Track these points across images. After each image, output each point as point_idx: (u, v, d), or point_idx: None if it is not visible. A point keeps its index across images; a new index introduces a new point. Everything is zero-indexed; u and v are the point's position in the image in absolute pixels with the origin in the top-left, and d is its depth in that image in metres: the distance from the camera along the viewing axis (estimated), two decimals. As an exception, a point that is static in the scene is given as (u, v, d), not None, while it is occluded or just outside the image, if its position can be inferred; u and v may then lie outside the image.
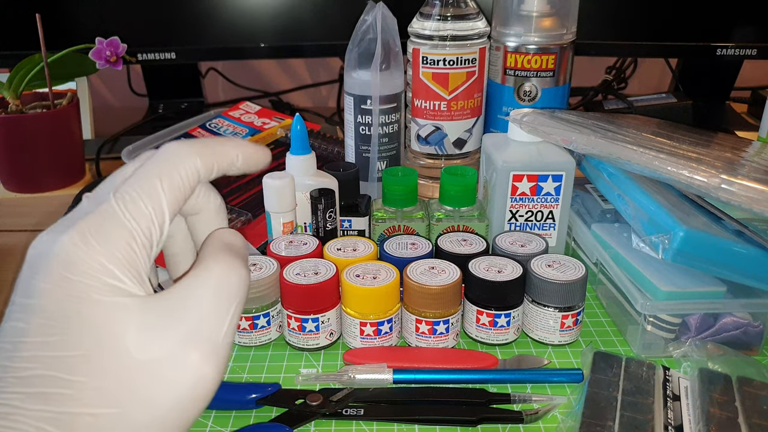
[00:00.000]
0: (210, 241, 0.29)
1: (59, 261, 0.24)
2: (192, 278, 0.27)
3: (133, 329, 0.24)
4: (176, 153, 0.27)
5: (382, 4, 0.62)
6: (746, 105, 1.03)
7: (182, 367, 0.25)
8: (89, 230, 0.25)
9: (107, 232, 0.25)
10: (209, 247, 0.29)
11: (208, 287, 0.26)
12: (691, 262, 0.45)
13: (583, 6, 0.66)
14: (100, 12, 0.88)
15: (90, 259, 0.24)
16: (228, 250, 0.28)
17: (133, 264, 0.25)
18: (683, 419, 0.40)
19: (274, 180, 0.51)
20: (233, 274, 0.27)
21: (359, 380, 0.44)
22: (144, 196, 0.26)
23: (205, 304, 0.26)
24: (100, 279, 0.24)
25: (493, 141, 0.59)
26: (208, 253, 0.28)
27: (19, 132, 0.71)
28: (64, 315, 0.24)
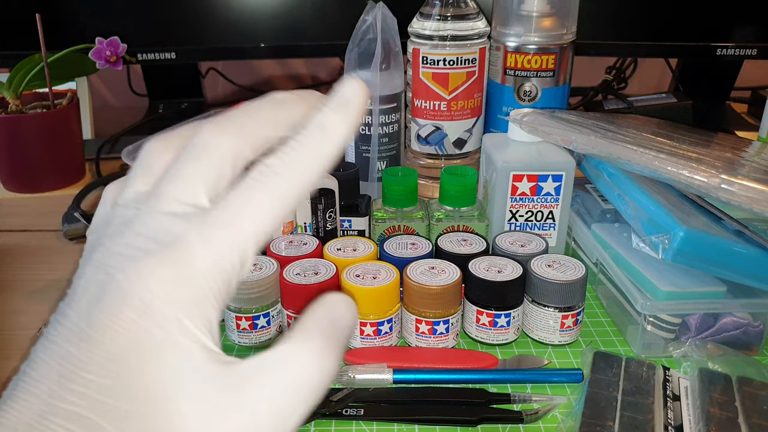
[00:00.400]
0: (314, 311, 0.24)
1: (131, 301, 0.21)
2: (272, 355, 0.22)
3: (189, 397, 0.21)
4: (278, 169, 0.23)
5: (382, 4, 0.62)
6: (746, 105, 1.03)
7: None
8: (168, 278, 0.21)
9: (192, 284, 0.22)
10: (309, 320, 0.23)
11: (287, 377, 0.22)
12: (691, 262, 0.45)
13: (583, 6, 0.66)
14: (100, 12, 0.88)
15: (165, 310, 0.21)
16: (328, 333, 0.23)
17: (207, 320, 0.22)
18: (683, 419, 0.40)
19: (274, 180, 0.51)
20: (319, 367, 0.22)
21: (359, 380, 0.44)
22: (232, 246, 0.22)
23: (277, 396, 0.22)
24: (171, 333, 0.21)
25: (493, 141, 0.59)
26: (301, 332, 0.23)
27: (19, 132, 0.71)
28: (124, 363, 0.21)
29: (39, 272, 0.60)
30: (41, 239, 0.66)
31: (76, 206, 0.71)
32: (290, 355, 0.22)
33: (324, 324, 0.23)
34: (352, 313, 0.24)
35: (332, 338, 0.23)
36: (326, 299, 0.24)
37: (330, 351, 0.22)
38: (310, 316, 0.23)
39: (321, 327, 0.23)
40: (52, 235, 0.67)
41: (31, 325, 0.51)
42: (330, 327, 0.23)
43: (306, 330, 0.23)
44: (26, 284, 0.57)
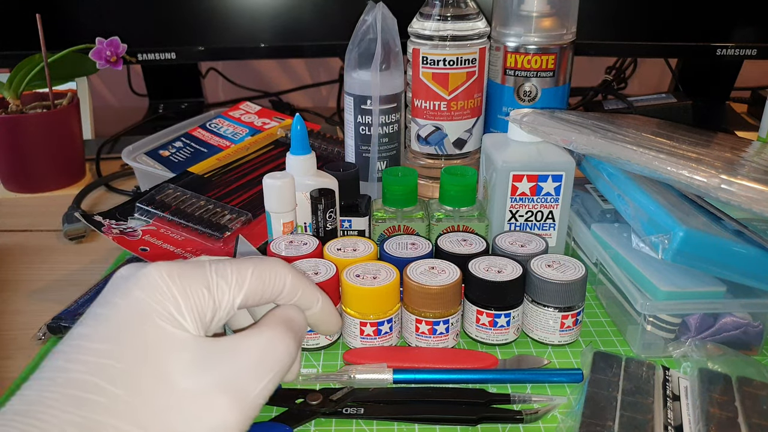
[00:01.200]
0: (273, 311, 0.32)
1: (140, 283, 0.27)
2: (244, 334, 0.29)
3: (180, 360, 0.26)
4: (275, 262, 0.31)
5: (382, 4, 0.62)
6: (746, 105, 1.03)
7: (209, 408, 0.26)
8: (176, 270, 0.28)
9: (190, 276, 0.28)
10: (270, 316, 0.31)
11: (256, 345, 0.29)
12: (691, 262, 0.45)
13: (583, 6, 0.66)
14: (100, 12, 0.88)
15: (166, 288, 0.27)
16: (285, 323, 0.30)
17: (199, 308, 0.28)
18: (683, 419, 0.40)
19: (274, 180, 0.51)
20: (281, 344, 0.29)
21: (359, 380, 0.44)
22: (234, 270, 0.29)
23: (250, 360, 0.28)
24: (168, 309, 0.27)
25: (493, 141, 0.59)
26: (267, 319, 0.31)
27: (19, 132, 0.71)
28: (124, 328, 0.26)
29: (39, 272, 0.60)
30: (41, 239, 0.66)
31: (76, 206, 0.71)
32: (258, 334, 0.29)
33: (280, 317, 0.31)
34: (301, 319, 0.32)
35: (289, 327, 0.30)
36: (280, 306, 0.32)
37: (289, 334, 0.30)
38: (269, 314, 0.31)
39: (279, 319, 0.30)
40: (52, 235, 0.67)
41: (31, 325, 0.51)
42: (286, 321, 0.31)
43: (267, 319, 0.30)
44: (26, 284, 0.57)
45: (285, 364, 0.29)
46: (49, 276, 0.59)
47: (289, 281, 0.31)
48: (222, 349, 0.28)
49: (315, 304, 0.33)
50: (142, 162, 0.73)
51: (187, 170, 0.68)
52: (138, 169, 0.72)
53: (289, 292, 0.31)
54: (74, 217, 0.66)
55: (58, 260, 0.62)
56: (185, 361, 0.26)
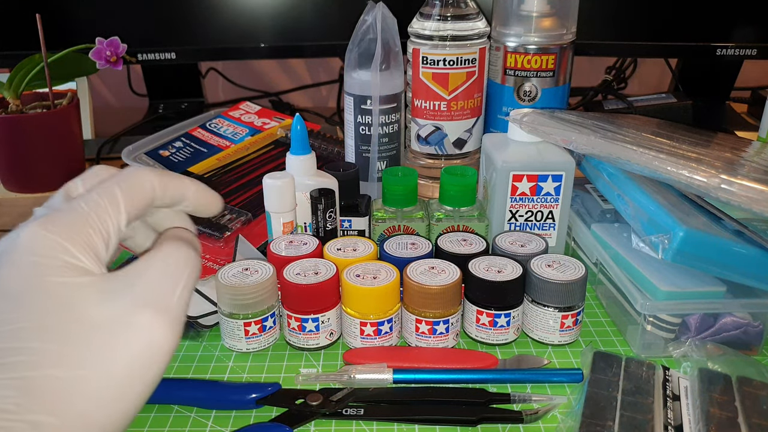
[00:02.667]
0: (161, 236, 0.32)
1: (21, 248, 0.27)
2: (144, 256, 0.30)
3: (91, 298, 0.26)
4: (135, 170, 0.31)
5: (382, 4, 0.62)
6: (746, 105, 1.03)
7: (135, 326, 0.26)
8: (50, 221, 0.27)
9: (66, 220, 0.28)
10: (162, 236, 0.32)
11: (158, 259, 0.29)
12: (691, 262, 0.45)
13: (583, 6, 0.66)
14: (100, 12, 0.88)
15: (49, 241, 0.27)
16: (175, 237, 0.31)
17: (91, 246, 0.28)
18: (683, 419, 0.40)
19: (274, 180, 0.51)
20: (181, 250, 0.30)
21: (359, 380, 0.44)
22: (102, 195, 0.29)
23: (156, 273, 0.29)
24: (58, 257, 0.27)
25: (493, 141, 0.59)
26: (160, 239, 0.32)
27: (19, 132, 0.71)
28: (25, 291, 0.26)
29: (39, 272, 0.59)
30: (41, 239, 0.66)
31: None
32: (156, 250, 0.30)
33: (172, 234, 0.31)
34: (191, 236, 0.33)
35: (183, 239, 0.31)
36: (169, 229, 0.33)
37: (185, 243, 0.31)
38: (161, 236, 0.32)
39: (171, 235, 0.31)
40: (52, 235, 0.67)
41: (31, 325, 0.51)
42: (178, 236, 0.31)
43: (161, 239, 0.31)
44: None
45: (192, 268, 0.30)
46: (49, 276, 0.58)
47: (155, 180, 0.31)
48: (127, 274, 0.28)
49: (188, 189, 0.33)
50: (142, 162, 0.73)
51: (187, 170, 0.68)
52: (138, 169, 0.72)
53: (159, 189, 0.31)
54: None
55: (58, 260, 0.62)
56: (96, 297, 0.27)
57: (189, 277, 0.30)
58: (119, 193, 0.29)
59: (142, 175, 0.31)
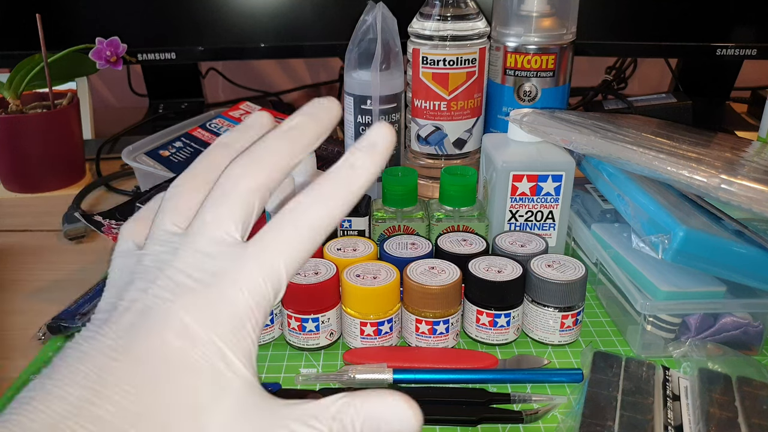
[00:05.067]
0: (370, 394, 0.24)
1: (173, 325, 0.23)
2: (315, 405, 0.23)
3: (222, 418, 0.22)
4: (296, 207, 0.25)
5: (382, 4, 0.62)
6: (746, 105, 1.03)
7: None
8: (211, 307, 0.23)
9: (226, 311, 0.23)
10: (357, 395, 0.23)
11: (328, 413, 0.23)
12: (691, 262, 0.45)
13: (583, 6, 0.66)
14: (100, 12, 0.88)
15: (204, 335, 0.23)
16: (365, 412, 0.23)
17: (245, 349, 0.23)
18: (683, 419, 0.40)
19: (274, 180, 0.51)
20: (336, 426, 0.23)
21: (359, 380, 0.44)
22: (266, 278, 0.24)
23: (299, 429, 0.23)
24: (210, 359, 0.23)
25: (493, 141, 0.59)
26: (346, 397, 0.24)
27: (19, 132, 0.71)
28: (161, 379, 0.22)
29: (39, 272, 0.60)
30: (41, 239, 0.66)
31: (76, 206, 0.71)
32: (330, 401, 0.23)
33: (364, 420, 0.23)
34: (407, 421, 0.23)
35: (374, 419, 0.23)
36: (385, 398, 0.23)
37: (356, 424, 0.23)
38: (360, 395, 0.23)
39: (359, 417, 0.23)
40: (52, 235, 0.67)
41: (31, 326, 0.51)
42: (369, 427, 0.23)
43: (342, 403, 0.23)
44: (26, 284, 0.57)
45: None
46: (49, 276, 0.59)
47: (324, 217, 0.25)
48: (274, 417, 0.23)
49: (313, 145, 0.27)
50: (142, 162, 0.73)
51: (187, 170, 0.68)
52: (138, 169, 0.72)
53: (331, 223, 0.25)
54: (74, 217, 0.66)
55: (58, 260, 0.62)
56: (227, 422, 0.22)
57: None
58: (284, 269, 0.24)
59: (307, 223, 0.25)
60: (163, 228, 0.26)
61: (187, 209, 0.26)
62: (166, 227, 0.26)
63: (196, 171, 0.28)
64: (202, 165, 0.28)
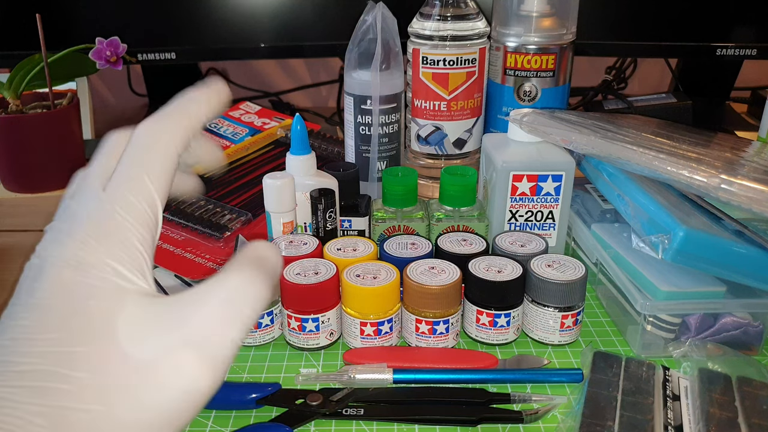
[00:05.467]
0: (241, 251, 0.28)
1: (65, 264, 0.25)
2: (205, 285, 0.26)
3: (135, 330, 0.24)
4: (153, 138, 0.29)
5: (382, 4, 0.62)
6: (746, 105, 1.03)
7: (176, 371, 0.24)
8: (92, 234, 0.26)
9: (109, 234, 0.26)
10: (237, 257, 0.27)
11: (219, 296, 0.26)
12: (691, 262, 0.45)
13: (583, 6, 0.66)
14: (100, 12, 0.88)
15: (96, 260, 0.25)
16: (254, 264, 0.27)
17: (136, 261, 0.26)
18: (683, 419, 0.40)
19: (274, 180, 0.51)
20: (252, 287, 0.26)
21: (359, 380, 0.44)
22: (136, 194, 0.27)
23: (212, 312, 0.25)
24: (106, 279, 0.25)
25: (493, 141, 0.59)
26: (233, 263, 0.27)
27: (19, 132, 0.71)
28: (69, 313, 0.24)
29: (39, 272, 0.59)
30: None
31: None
32: (221, 282, 0.26)
33: (249, 257, 0.27)
34: (276, 256, 0.28)
35: (259, 268, 0.27)
36: (251, 243, 0.28)
37: (260, 276, 0.26)
38: (237, 256, 0.28)
39: (248, 260, 0.27)
40: (52, 235, 0.67)
41: (31, 325, 0.51)
42: (255, 261, 0.27)
43: (233, 263, 0.27)
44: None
45: (256, 311, 0.26)
46: (49, 276, 0.58)
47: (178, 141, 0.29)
48: (182, 307, 0.25)
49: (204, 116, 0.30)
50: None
51: (187, 170, 0.68)
52: (138, 169, 0.72)
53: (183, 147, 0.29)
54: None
55: (58, 260, 0.62)
56: (141, 329, 0.24)
57: (250, 317, 0.26)
58: (148, 181, 0.27)
59: (163, 144, 0.28)
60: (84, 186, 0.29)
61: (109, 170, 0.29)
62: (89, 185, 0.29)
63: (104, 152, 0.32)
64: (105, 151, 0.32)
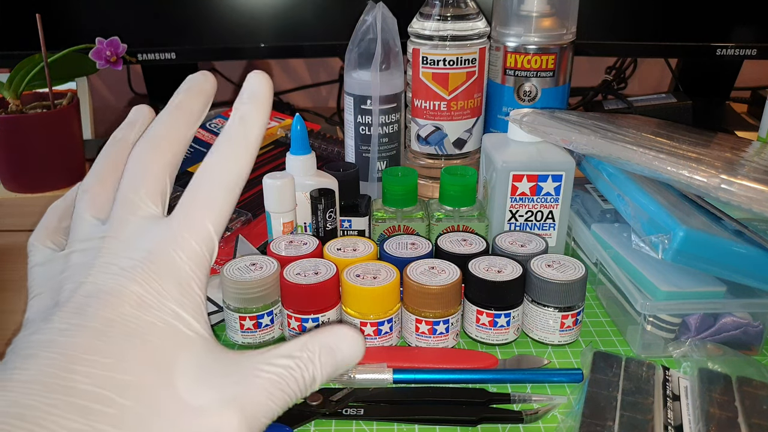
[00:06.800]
0: (320, 331, 0.27)
1: (129, 298, 0.24)
2: (270, 352, 0.26)
3: (191, 372, 0.24)
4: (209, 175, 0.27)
5: (382, 4, 0.62)
6: (746, 105, 1.03)
7: (218, 427, 0.24)
8: (158, 277, 0.25)
9: (170, 276, 0.25)
10: (313, 335, 0.27)
11: (276, 370, 0.25)
12: (691, 262, 0.45)
13: (583, 6, 0.66)
14: (100, 12, 0.88)
15: (157, 303, 0.25)
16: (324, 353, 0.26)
17: (197, 307, 0.26)
18: (683, 419, 0.40)
19: (274, 180, 0.51)
20: (307, 374, 0.26)
21: (359, 380, 0.44)
22: (198, 240, 0.26)
23: (265, 384, 0.25)
24: (167, 321, 0.25)
25: (493, 141, 0.59)
26: (307, 338, 0.26)
27: (19, 132, 0.71)
28: (127, 344, 0.24)
29: (39, 272, 0.59)
30: (41, 239, 0.66)
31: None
32: (285, 354, 0.25)
33: (323, 345, 0.26)
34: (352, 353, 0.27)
35: (328, 359, 0.26)
36: (338, 330, 0.27)
37: (321, 367, 0.26)
38: (319, 332, 0.26)
39: (320, 346, 0.26)
40: (52, 235, 0.67)
41: (31, 325, 0.51)
42: (329, 351, 0.26)
43: (309, 339, 0.26)
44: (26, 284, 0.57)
45: (304, 395, 0.26)
46: (49, 276, 0.59)
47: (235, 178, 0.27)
48: (241, 363, 0.25)
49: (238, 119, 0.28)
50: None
51: (187, 170, 0.68)
52: (138, 169, 0.72)
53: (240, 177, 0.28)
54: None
55: (58, 260, 0.62)
56: (197, 373, 0.24)
57: (295, 398, 0.26)
58: (212, 227, 0.26)
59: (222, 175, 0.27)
60: (85, 223, 0.28)
61: (103, 201, 0.29)
62: (88, 221, 0.28)
63: (100, 168, 0.31)
64: (103, 162, 0.31)
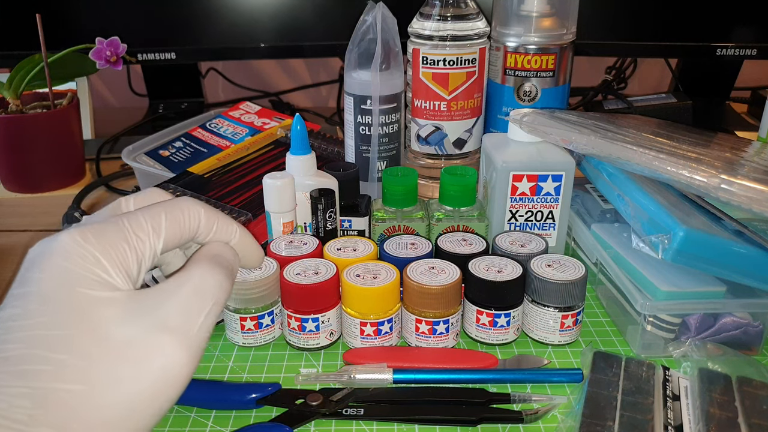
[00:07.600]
0: (199, 250, 0.32)
1: (57, 253, 0.27)
2: (174, 277, 0.30)
3: (114, 315, 0.26)
4: (187, 201, 0.31)
5: (382, 4, 0.62)
6: (746, 105, 1.03)
7: (154, 350, 0.26)
8: (90, 231, 0.28)
9: (106, 234, 0.28)
10: (197, 254, 0.32)
11: (187, 283, 0.29)
12: (691, 262, 0.45)
13: (583, 6, 0.66)
14: (100, 12, 0.88)
15: (85, 251, 0.27)
16: (211, 259, 0.31)
17: (123, 263, 0.28)
18: (683, 419, 0.40)
19: (274, 180, 0.51)
20: (210, 278, 0.30)
21: (359, 380, 0.44)
22: (147, 217, 0.29)
23: (182, 299, 0.28)
24: (91, 270, 0.27)
25: (493, 141, 0.59)
26: (193, 258, 0.31)
27: (19, 132, 0.71)
28: (55, 298, 0.26)
29: (39, 272, 0.59)
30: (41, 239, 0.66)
31: (76, 206, 0.71)
32: (185, 275, 0.29)
33: (206, 255, 0.31)
34: (230, 253, 0.32)
35: (216, 262, 0.31)
36: (206, 245, 0.32)
37: (217, 268, 0.30)
38: (195, 254, 0.31)
39: (205, 257, 0.31)
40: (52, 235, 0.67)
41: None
42: (212, 257, 0.31)
43: (192, 260, 0.31)
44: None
45: (219, 297, 0.30)
46: (49, 276, 0.59)
47: (203, 215, 0.31)
48: (154, 295, 0.28)
49: (232, 235, 0.33)
50: (142, 162, 0.73)
51: (187, 170, 0.68)
52: (138, 169, 0.72)
53: (205, 226, 0.31)
54: (74, 217, 0.66)
55: (58, 260, 0.62)
56: (119, 314, 0.26)
57: (216, 304, 0.29)
58: (164, 220, 0.30)
59: (191, 209, 0.31)
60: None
61: None
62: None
63: None
64: None
